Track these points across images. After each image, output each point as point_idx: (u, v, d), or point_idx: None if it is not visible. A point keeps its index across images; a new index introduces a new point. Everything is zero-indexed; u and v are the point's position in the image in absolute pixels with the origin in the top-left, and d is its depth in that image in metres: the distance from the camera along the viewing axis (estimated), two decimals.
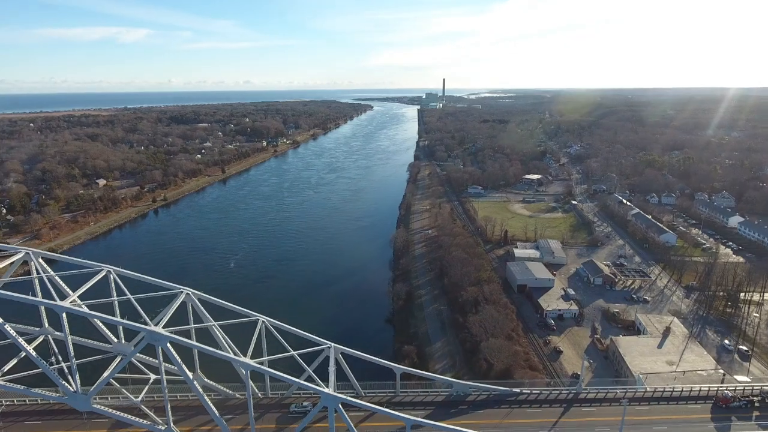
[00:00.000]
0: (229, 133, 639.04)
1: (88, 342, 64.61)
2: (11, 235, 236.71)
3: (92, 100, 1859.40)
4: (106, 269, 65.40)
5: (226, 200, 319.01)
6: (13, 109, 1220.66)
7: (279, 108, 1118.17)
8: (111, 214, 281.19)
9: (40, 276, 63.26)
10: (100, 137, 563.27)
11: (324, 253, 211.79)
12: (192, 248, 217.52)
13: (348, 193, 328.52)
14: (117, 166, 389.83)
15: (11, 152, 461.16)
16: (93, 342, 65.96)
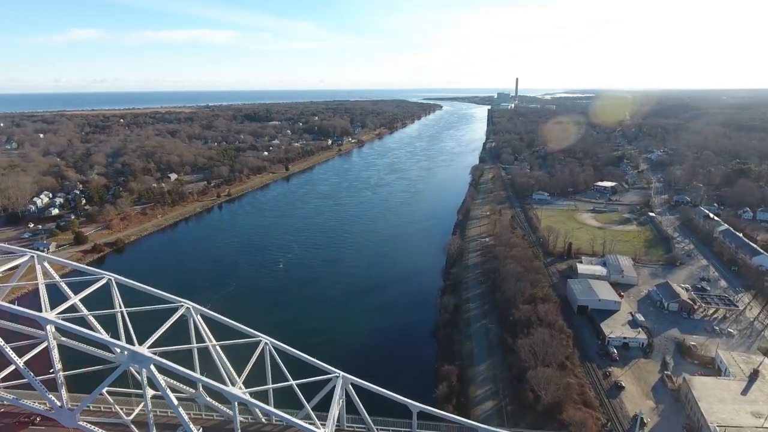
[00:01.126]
0: (297, 131, 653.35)
1: (90, 349, 61.68)
2: (86, 224, 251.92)
3: (179, 98, 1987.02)
4: (107, 277, 62.46)
5: (285, 198, 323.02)
6: (112, 106, 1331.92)
7: (348, 107, 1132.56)
8: (178, 208, 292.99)
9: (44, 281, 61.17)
10: (179, 133, 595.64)
11: (374, 256, 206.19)
12: (245, 245, 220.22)
13: (406, 195, 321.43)
14: (189, 162, 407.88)
15: (99, 146, 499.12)
16: (95, 350, 63.12)
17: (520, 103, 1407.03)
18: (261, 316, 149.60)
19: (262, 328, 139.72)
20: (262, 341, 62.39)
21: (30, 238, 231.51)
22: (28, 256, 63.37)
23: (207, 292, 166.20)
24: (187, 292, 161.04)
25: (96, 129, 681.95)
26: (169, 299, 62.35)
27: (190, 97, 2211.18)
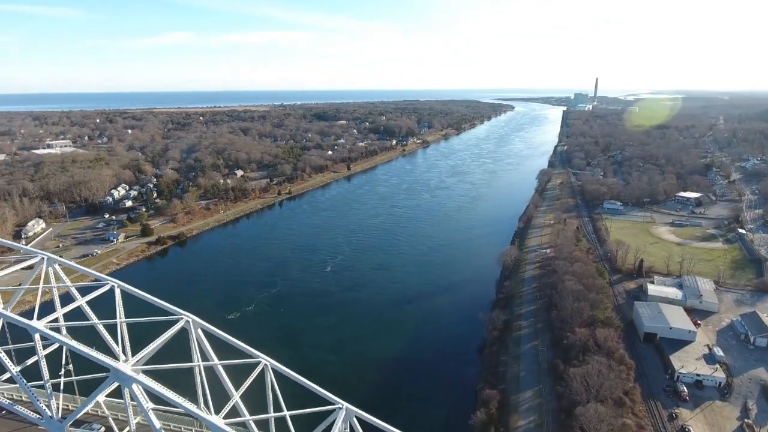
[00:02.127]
0: (363, 130, 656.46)
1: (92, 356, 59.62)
2: (154, 217, 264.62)
3: (258, 97, 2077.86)
4: (111, 284, 60.47)
5: (343, 198, 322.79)
6: (195, 104, 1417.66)
7: (416, 107, 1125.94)
8: (240, 204, 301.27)
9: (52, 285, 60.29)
10: (250, 131, 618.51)
11: (425, 263, 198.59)
12: (296, 245, 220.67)
13: (465, 200, 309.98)
14: (256, 159, 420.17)
15: (177, 142, 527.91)
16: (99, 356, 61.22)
17: (599, 104, 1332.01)
18: (301, 319, 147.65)
19: (300, 332, 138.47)
20: (262, 362, 57.50)
21: (103, 228, 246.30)
22: (39, 258, 62.84)
23: (254, 290, 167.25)
24: (236, 290, 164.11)
25: (177, 126, 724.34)
26: (169, 311, 59.18)
27: (267, 96, 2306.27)
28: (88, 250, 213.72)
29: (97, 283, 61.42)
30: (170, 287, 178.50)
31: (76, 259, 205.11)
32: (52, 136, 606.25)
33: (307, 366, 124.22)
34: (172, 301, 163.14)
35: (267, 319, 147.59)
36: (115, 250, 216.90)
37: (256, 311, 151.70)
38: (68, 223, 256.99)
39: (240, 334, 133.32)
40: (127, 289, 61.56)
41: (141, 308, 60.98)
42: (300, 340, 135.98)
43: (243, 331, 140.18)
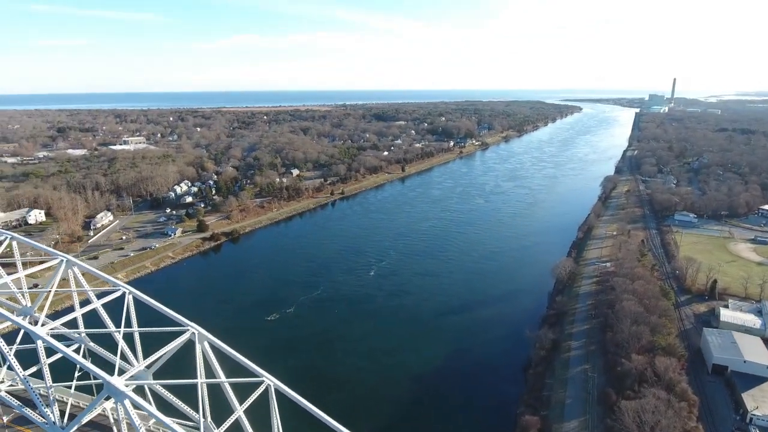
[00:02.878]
0: (421, 131, 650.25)
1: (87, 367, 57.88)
2: (211, 213, 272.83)
3: (322, 97, 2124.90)
4: (123, 290, 59.49)
5: (395, 200, 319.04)
6: (262, 103, 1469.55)
7: (478, 108, 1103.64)
8: (293, 203, 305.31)
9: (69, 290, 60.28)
10: (310, 131, 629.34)
11: (473, 272, 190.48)
12: (343, 247, 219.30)
13: (521, 206, 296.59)
14: (312, 158, 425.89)
15: (240, 140, 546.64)
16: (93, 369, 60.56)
17: (675, 106, 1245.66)
18: (339, 324, 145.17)
19: (337, 338, 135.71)
20: (266, 382, 54.30)
21: (164, 222, 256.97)
22: (59, 260, 63.16)
23: (297, 291, 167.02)
24: (279, 290, 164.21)
25: (242, 125, 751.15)
26: (175, 321, 57.32)
27: (330, 95, 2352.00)
28: (147, 244, 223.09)
29: (110, 289, 60.69)
30: (217, 283, 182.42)
31: (135, 252, 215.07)
32: (129, 133, 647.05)
33: (340, 373, 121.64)
34: (216, 297, 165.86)
35: (305, 322, 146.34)
36: (172, 245, 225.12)
37: (296, 313, 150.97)
38: (133, 216, 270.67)
39: (276, 338, 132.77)
40: (138, 296, 60.37)
41: (154, 315, 59.47)
42: (335, 346, 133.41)
43: (279, 334, 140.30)
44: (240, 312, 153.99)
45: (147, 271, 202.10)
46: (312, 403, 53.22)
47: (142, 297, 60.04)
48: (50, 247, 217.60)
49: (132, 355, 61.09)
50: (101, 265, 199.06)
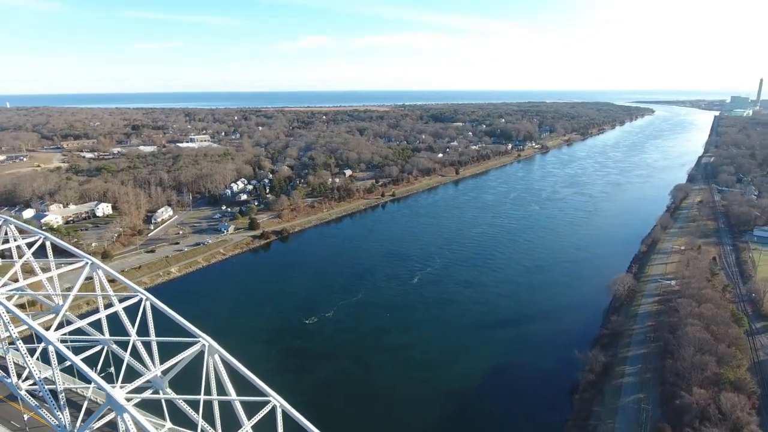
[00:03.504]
0: (478, 133, 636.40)
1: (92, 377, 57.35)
2: (263, 211, 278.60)
3: (383, 97, 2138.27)
4: (140, 296, 59.08)
5: (446, 204, 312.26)
6: (325, 103, 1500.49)
7: (540, 109, 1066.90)
8: (343, 204, 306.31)
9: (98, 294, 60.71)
10: (367, 131, 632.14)
11: (521, 284, 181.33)
12: (388, 251, 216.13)
13: (580, 215, 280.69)
14: (366, 159, 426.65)
15: (298, 140, 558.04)
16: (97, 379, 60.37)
17: (762, 109, 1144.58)
18: (376, 334, 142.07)
19: (371, 348, 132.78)
20: (272, 402, 51.73)
21: (218, 219, 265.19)
22: (83, 262, 63.91)
23: (337, 295, 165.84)
24: (320, 292, 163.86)
25: (301, 124, 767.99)
26: (187, 331, 56.06)
27: (393, 96, 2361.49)
28: (201, 239, 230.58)
29: (129, 294, 60.57)
30: (261, 282, 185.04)
31: (189, 247, 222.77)
32: (196, 131, 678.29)
33: (374, 383, 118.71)
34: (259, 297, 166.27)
35: (342, 328, 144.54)
36: (224, 241, 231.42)
37: (334, 319, 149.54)
38: (191, 212, 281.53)
39: (313, 342, 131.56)
40: (154, 302, 59.75)
41: (170, 322, 58.71)
42: (369, 356, 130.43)
43: (316, 339, 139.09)
44: (280, 313, 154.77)
45: (198, 266, 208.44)
46: (344, 412, 50.27)
47: (157, 304, 59.35)
48: (113, 239, 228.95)
49: (149, 360, 60.65)
50: (157, 259, 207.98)
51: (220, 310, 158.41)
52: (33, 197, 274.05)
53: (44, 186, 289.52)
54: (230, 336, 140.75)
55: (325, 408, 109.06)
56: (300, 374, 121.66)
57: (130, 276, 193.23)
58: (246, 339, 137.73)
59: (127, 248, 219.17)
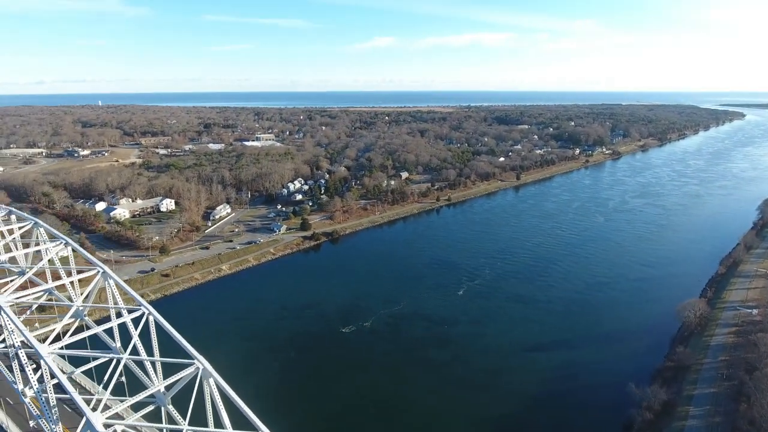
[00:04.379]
0: (544, 136, 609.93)
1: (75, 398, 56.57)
2: (316, 212, 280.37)
3: (447, 98, 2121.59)
4: (144, 311, 57.22)
5: (503, 211, 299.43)
6: (387, 104, 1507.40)
7: (615, 112, 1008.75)
8: (396, 207, 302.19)
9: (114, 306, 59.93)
10: (428, 133, 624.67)
11: (576, 303, 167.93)
12: (436, 259, 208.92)
13: (650, 229, 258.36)
14: (423, 162, 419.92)
15: (359, 140, 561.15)
16: (79, 401, 59.09)
17: None
18: (413, 348, 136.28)
19: (407, 364, 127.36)
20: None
21: (272, 218, 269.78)
22: (96, 270, 63.40)
23: (378, 303, 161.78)
24: (362, 299, 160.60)
25: (363, 125, 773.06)
26: (184, 352, 53.35)
27: (458, 96, 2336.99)
28: (254, 238, 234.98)
29: (133, 307, 59.07)
30: (305, 285, 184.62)
31: (242, 245, 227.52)
32: (262, 130, 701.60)
33: (406, 401, 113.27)
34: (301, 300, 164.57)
35: (379, 339, 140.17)
36: (275, 241, 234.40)
37: (372, 328, 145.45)
38: (248, 210, 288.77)
39: (347, 352, 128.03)
40: (157, 318, 57.69)
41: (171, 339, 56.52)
42: (403, 373, 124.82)
43: (351, 349, 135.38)
44: (319, 318, 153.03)
45: (248, 264, 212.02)
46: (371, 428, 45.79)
47: (160, 320, 57.22)
48: (172, 234, 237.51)
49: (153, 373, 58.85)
50: (210, 256, 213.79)
51: (263, 312, 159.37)
52: (106, 191, 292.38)
53: (117, 180, 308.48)
54: (269, 339, 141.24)
55: (352, 422, 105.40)
56: (330, 384, 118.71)
57: (184, 272, 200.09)
58: (283, 343, 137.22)
59: (184, 243, 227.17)
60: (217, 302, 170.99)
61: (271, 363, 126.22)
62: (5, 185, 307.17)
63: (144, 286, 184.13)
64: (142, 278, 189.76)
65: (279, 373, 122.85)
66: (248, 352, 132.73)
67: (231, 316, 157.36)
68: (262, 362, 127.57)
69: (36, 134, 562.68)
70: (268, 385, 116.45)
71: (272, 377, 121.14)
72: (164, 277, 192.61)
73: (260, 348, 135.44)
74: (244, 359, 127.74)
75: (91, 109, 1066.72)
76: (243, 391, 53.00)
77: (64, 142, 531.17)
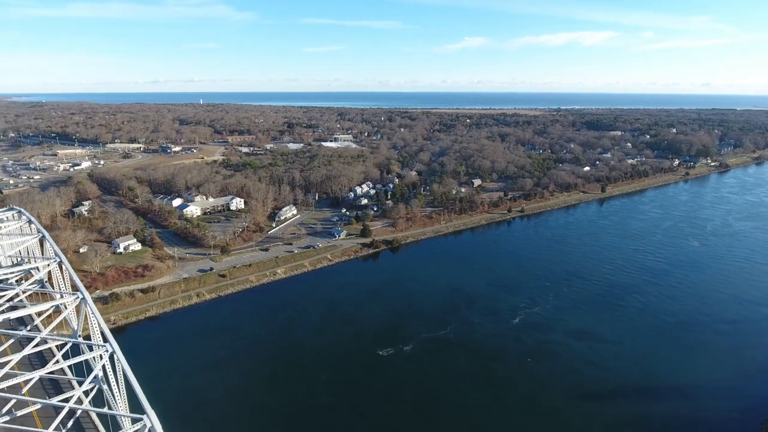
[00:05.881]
0: (639, 145, 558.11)
1: None
2: (379, 218, 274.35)
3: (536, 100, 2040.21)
4: (109, 349, 51.63)
5: (579, 228, 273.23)
6: (474, 105, 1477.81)
7: (727, 118, 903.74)
8: (464, 217, 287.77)
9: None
10: (508, 137, 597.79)
11: (654, 344, 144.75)
12: (495, 279, 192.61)
13: (757, 258, 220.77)
14: (499, 169, 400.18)
15: (435, 143, 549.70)
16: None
17: None
18: (449, 382, 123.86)
19: (442, 397, 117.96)
20: None
21: (335, 221, 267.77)
22: (73, 297, 59.58)
23: (422, 326, 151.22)
24: (405, 319, 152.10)
25: (443, 127, 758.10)
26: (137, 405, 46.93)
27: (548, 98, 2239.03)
28: (313, 242, 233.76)
29: (98, 343, 54.16)
30: (354, 296, 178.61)
31: (300, 249, 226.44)
32: (342, 130, 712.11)
33: None
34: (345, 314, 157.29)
35: (415, 368, 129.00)
36: (333, 246, 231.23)
37: (411, 354, 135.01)
38: (313, 213, 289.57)
39: (381, 378, 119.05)
40: (119, 358, 51.58)
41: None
42: (436, 408, 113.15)
43: (385, 376, 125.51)
44: (358, 336, 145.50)
45: (304, 269, 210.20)
46: None
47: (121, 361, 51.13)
48: (235, 234, 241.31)
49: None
50: (268, 258, 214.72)
51: (303, 323, 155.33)
52: (184, 188, 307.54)
53: (196, 178, 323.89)
54: (301, 355, 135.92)
55: None
56: (354, 416, 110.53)
57: (240, 273, 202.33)
58: (316, 362, 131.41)
59: (246, 244, 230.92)
60: (263, 308, 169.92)
61: (299, 383, 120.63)
62: (100, 178, 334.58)
63: (201, 285, 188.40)
64: (200, 277, 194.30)
65: (305, 395, 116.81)
66: (278, 367, 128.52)
67: (272, 324, 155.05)
68: (291, 381, 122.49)
69: (138, 130, 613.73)
70: (290, 411, 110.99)
71: (298, 399, 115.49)
72: (221, 278, 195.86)
73: (291, 364, 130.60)
74: (272, 375, 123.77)
75: (192, 108, 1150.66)
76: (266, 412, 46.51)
77: (161, 138, 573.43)
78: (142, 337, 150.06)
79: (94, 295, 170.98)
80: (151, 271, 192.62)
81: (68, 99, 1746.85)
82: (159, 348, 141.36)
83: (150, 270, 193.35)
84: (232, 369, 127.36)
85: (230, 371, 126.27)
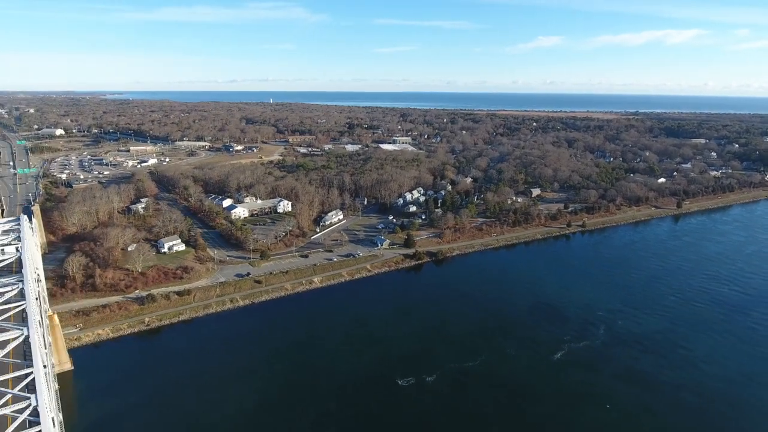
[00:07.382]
0: (725, 155, 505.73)
1: None
2: (425, 228, 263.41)
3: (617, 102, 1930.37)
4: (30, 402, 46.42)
5: (646, 248, 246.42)
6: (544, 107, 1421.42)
7: None
8: (518, 229, 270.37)
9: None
10: (576, 143, 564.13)
11: (719, 395, 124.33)
12: (539, 303, 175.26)
13: None
14: (562, 178, 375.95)
15: (495, 147, 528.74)
16: None
17: None
18: (475, 424, 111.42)
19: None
20: None
21: (380, 229, 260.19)
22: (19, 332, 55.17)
23: (449, 353, 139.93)
24: (434, 343, 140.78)
25: (506, 131, 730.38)
26: None
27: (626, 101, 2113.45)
28: (354, 250, 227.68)
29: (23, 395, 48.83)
30: (384, 313, 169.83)
31: (340, 257, 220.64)
32: (402, 132, 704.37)
33: None
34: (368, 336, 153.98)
35: (436, 404, 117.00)
36: (374, 256, 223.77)
37: (433, 386, 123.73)
38: (359, 218, 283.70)
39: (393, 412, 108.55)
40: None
41: None
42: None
43: (402, 410, 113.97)
44: (379, 361, 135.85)
45: (341, 279, 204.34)
46: None
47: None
48: (277, 238, 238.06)
49: None
50: (306, 265, 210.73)
51: (325, 341, 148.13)
52: (235, 188, 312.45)
53: (249, 178, 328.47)
54: (315, 379, 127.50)
55: None
56: None
57: (276, 280, 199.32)
58: (328, 388, 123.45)
59: (287, 249, 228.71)
60: (291, 319, 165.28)
61: (305, 412, 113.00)
62: (160, 176, 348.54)
63: (236, 291, 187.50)
64: (236, 282, 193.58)
65: (307, 428, 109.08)
66: (287, 391, 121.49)
67: (294, 338, 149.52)
68: (296, 408, 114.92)
69: (206, 129, 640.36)
70: None
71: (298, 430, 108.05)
72: (256, 284, 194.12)
73: (301, 387, 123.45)
74: (279, 399, 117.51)
75: (261, 107, 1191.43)
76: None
77: (226, 137, 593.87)
78: (172, 339, 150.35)
79: (133, 295, 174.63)
80: (189, 273, 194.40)
81: (153, 97, 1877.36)
82: (182, 355, 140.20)
83: (189, 272, 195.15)
84: (236, 388, 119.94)
85: (234, 390, 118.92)
